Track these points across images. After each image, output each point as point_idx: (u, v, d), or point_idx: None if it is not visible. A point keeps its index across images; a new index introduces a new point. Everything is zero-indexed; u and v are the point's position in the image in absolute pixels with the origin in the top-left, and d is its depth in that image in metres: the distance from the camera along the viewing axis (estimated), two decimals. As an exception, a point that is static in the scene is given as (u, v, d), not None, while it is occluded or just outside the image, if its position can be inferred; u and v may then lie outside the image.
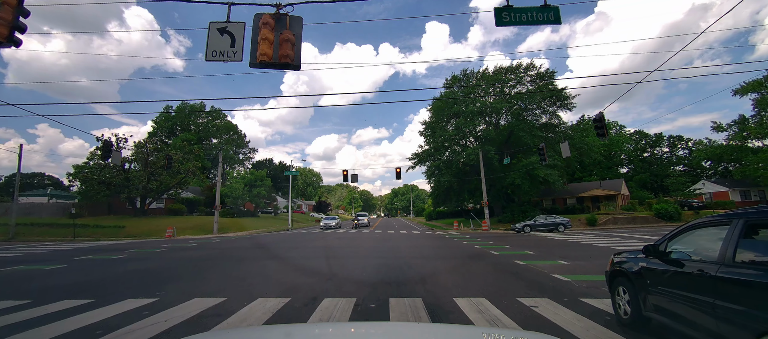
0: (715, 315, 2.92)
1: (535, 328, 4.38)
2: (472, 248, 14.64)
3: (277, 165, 74.94)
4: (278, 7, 5.38)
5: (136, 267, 10.22)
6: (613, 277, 4.71)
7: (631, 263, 4.34)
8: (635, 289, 4.16)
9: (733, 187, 43.77)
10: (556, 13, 6.07)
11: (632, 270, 4.25)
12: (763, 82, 36.53)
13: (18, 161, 26.29)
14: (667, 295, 3.61)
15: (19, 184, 27.62)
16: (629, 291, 4.30)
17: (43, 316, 5.10)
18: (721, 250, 3.10)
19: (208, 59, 5.37)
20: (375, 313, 5.15)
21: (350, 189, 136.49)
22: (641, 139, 61.74)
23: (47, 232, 26.54)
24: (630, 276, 4.28)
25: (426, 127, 40.74)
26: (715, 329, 2.94)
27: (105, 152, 17.73)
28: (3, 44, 4.85)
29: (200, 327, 4.55)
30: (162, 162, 34.52)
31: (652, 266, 3.93)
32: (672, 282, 3.59)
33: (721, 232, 3.28)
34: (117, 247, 17.56)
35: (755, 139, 39.97)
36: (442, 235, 24.79)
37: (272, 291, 6.67)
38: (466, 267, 9.72)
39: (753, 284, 2.67)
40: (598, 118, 14.39)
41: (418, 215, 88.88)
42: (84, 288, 7.23)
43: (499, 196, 36.65)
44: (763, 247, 2.91)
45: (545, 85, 35.02)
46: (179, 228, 28.18)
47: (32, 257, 13.27)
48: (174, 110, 58.35)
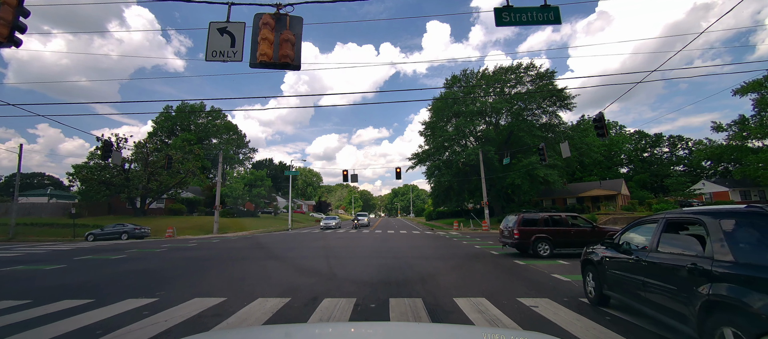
0: (645, 289, 3.93)
1: (535, 328, 4.38)
2: (472, 248, 14.63)
3: (277, 165, 74.96)
4: (278, 7, 5.38)
5: (136, 267, 10.22)
6: (584, 265, 5.79)
7: (595, 254, 5.37)
8: (598, 273, 5.22)
9: (733, 187, 43.78)
10: (556, 13, 6.07)
11: (596, 259, 5.31)
12: (763, 82, 36.52)
13: (18, 161, 26.30)
14: (619, 276, 4.60)
15: (19, 184, 27.63)
16: (593, 275, 5.38)
17: (43, 316, 5.10)
18: (650, 241, 4.10)
19: (208, 59, 5.37)
20: (375, 313, 5.15)
21: (350, 189, 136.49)
22: (641, 139, 61.77)
23: (47, 232, 26.55)
24: (594, 263, 5.33)
25: (426, 127, 40.76)
26: (649, 302, 3.88)
27: (105, 152, 17.73)
28: (3, 44, 4.85)
29: (200, 327, 4.55)
30: (162, 162, 34.54)
31: (609, 254, 4.95)
32: (621, 266, 4.58)
33: (653, 227, 4.20)
34: (117, 247, 17.56)
35: (755, 139, 39.94)
36: (442, 235, 24.79)
37: (272, 291, 6.67)
38: (466, 267, 9.72)
39: (669, 266, 3.59)
40: (598, 118, 14.39)
41: (418, 215, 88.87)
42: (84, 288, 7.23)
43: (499, 196, 36.66)
44: (677, 239, 3.80)
45: (545, 85, 35.03)
46: (179, 228, 28.19)
47: (32, 257, 13.27)
48: (174, 110, 58.39)
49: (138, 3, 9.75)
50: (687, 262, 3.35)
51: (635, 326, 4.40)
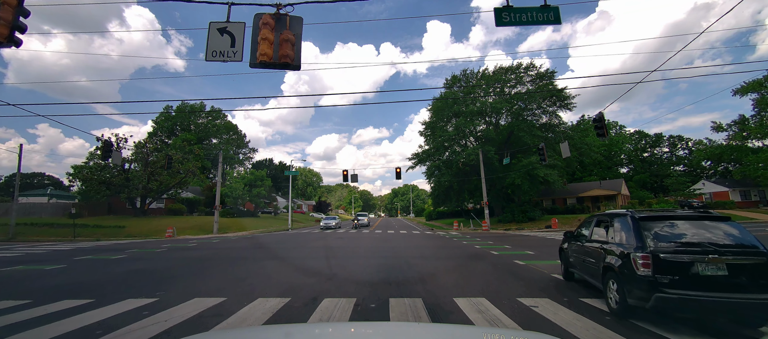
0: (586, 263, 6.08)
1: (535, 328, 4.38)
2: (472, 248, 14.63)
3: (277, 165, 74.95)
4: (278, 7, 5.38)
5: (136, 267, 10.22)
6: (559, 251, 7.82)
7: (564, 243, 7.47)
8: (564, 257, 7.35)
9: (733, 187, 43.77)
10: (556, 13, 6.07)
11: (564, 246, 7.43)
12: (763, 82, 36.53)
13: (18, 161, 26.30)
14: (574, 257, 6.74)
15: (19, 184, 27.62)
16: (562, 258, 7.54)
17: (43, 316, 5.10)
18: (587, 233, 6.34)
19: (208, 59, 5.38)
20: (375, 313, 5.15)
21: (350, 189, 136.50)
22: (641, 139, 61.76)
23: (47, 232, 26.53)
24: (563, 250, 7.46)
25: (426, 127, 40.73)
26: (587, 271, 6.03)
27: (105, 152, 17.74)
28: (3, 44, 4.84)
29: (200, 327, 4.55)
30: (162, 162, 34.51)
31: (570, 242, 7.09)
32: (575, 250, 6.74)
33: (591, 223, 6.43)
34: (117, 247, 17.56)
35: (755, 139, 39.97)
36: (442, 235, 24.79)
37: (272, 291, 6.67)
38: (466, 267, 9.72)
39: (595, 247, 5.72)
40: (598, 118, 14.39)
41: (418, 215, 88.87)
42: (84, 288, 7.23)
43: (499, 196, 36.64)
44: (598, 231, 5.90)
45: (545, 85, 35.00)
46: (179, 228, 28.19)
47: (32, 257, 13.27)
48: (174, 110, 58.41)
49: (138, 3, 9.75)
50: (600, 244, 5.57)
51: (635, 326, 4.40)
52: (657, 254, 4.26)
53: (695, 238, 4.46)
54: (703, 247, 4.27)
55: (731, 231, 4.49)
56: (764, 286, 3.97)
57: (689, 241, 4.41)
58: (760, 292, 3.92)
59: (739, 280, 4.05)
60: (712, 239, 4.35)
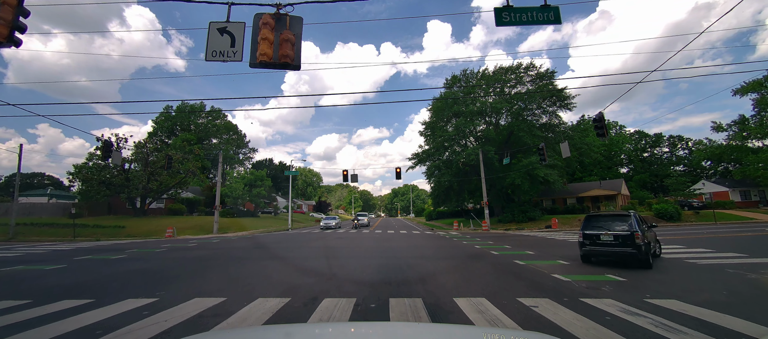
0: (594, 248, 9.70)
1: (535, 328, 4.38)
2: (472, 248, 14.63)
3: (277, 165, 74.92)
4: (278, 7, 5.37)
5: (136, 267, 10.22)
6: (579, 243, 10.19)
7: (579, 236, 10.15)
8: (581, 245, 10.00)
9: (733, 187, 43.75)
10: (556, 13, 6.07)
11: (579, 239, 10.11)
12: (763, 82, 36.53)
13: (18, 161, 26.29)
14: (585, 245, 9.86)
15: (19, 184, 27.61)
16: (579, 246, 10.06)
17: (43, 316, 5.10)
18: (582, 226, 10.16)
19: (208, 59, 5.37)
20: (375, 313, 5.15)
21: (350, 189, 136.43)
22: (641, 139, 61.73)
23: (47, 232, 26.52)
24: (579, 242, 10.08)
25: (426, 127, 40.71)
26: (593, 253, 9.79)
27: (105, 152, 17.72)
28: (3, 44, 4.84)
29: (200, 327, 4.55)
30: (162, 162, 34.50)
31: (582, 234, 9.95)
32: (585, 238, 9.86)
33: (585, 219, 10.37)
34: (117, 247, 17.55)
35: (755, 139, 39.96)
36: (442, 235, 24.78)
37: (272, 291, 6.67)
38: (466, 267, 9.72)
39: (590, 234, 9.80)
40: (598, 118, 14.38)
41: (418, 215, 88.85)
42: (84, 288, 7.23)
43: (499, 196, 36.62)
44: (590, 226, 9.97)
45: (545, 85, 34.97)
46: (179, 228, 28.18)
47: (32, 257, 13.27)
48: (174, 110, 58.37)
49: (138, 3, 9.74)
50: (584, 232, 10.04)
51: (635, 326, 4.40)
52: (585, 232, 9.90)
53: (604, 223, 9.77)
54: (605, 228, 9.57)
55: (625, 219, 9.47)
56: (628, 244, 8.90)
57: (600, 225, 9.75)
58: (625, 247, 8.96)
59: (617, 241, 9.15)
60: (611, 224, 9.59)
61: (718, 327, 4.35)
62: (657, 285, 6.89)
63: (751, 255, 10.46)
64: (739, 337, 4.04)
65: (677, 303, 5.45)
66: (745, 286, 6.71)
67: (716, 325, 4.40)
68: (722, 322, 4.51)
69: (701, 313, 4.90)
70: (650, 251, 9.22)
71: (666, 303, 5.48)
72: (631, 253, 8.81)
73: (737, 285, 6.76)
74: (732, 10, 8.36)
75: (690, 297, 5.82)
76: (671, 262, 9.82)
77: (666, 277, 7.73)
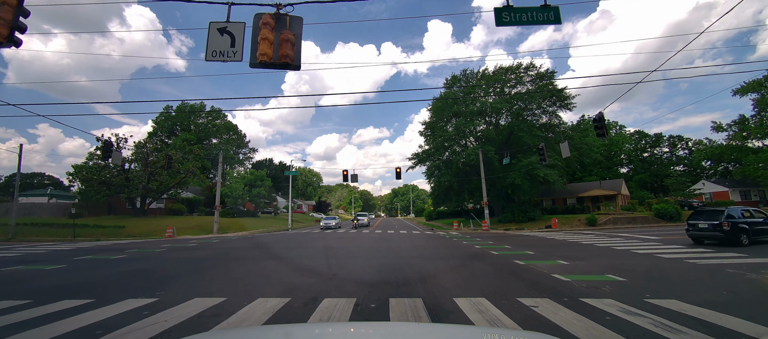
0: (696, 232, 13.92)
1: (535, 328, 4.38)
2: (472, 248, 14.63)
3: (277, 165, 74.93)
4: (278, 7, 5.38)
5: (136, 267, 10.21)
6: (686, 228, 14.42)
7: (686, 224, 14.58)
8: (687, 229, 14.28)
9: (733, 187, 43.76)
10: (556, 13, 6.07)
11: (685, 227, 14.64)
12: (763, 82, 36.53)
13: (18, 161, 26.29)
14: (690, 230, 14.21)
15: (19, 184, 27.61)
16: (687, 230, 14.37)
17: (43, 316, 5.10)
18: (688, 220, 14.55)
19: (208, 59, 5.37)
20: (375, 313, 5.15)
21: (350, 189, 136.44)
22: (641, 139, 61.73)
23: (47, 232, 26.51)
24: (686, 229, 14.38)
25: (426, 127, 40.71)
26: (696, 237, 13.99)
27: (105, 152, 17.73)
28: (3, 44, 4.84)
29: (200, 327, 4.55)
30: (162, 162, 34.51)
31: (687, 224, 14.44)
32: (688, 226, 14.34)
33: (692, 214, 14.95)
34: (117, 247, 17.55)
35: (755, 139, 39.97)
36: (442, 235, 24.78)
37: (272, 291, 6.67)
38: (466, 267, 9.72)
39: (695, 224, 13.98)
40: (598, 118, 14.38)
41: (418, 215, 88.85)
42: (84, 288, 7.23)
43: (499, 196, 36.61)
44: (694, 218, 14.26)
45: (545, 85, 34.97)
46: (179, 228, 28.18)
47: (32, 257, 13.26)
48: (174, 110, 58.39)
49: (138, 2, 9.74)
50: None
51: (635, 326, 4.40)
52: (689, 222, 14.28)
53: (706, 216, 13.59)
54: (708, 219, 13.43)
55: (718, 214, 13.24)
56: (717, 230, 13.05)
57: (702, 215, 13.91)
58: (715, 231, 13.15)
59: (714, 232, 12.99)
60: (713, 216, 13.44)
61: (718, 327, 4.35)
62: (657, 285, 6.89)
63: (750, 255, 10.46)
64: (739, 337, 4.04)
65: (677, 303, 5.46)
66: (744, 286, 6.71)
67: (716, 325, 4.40)
68: (722, 322, 4.51)
69: (701, 313, 4.91)
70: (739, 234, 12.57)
71: (666, 303, 5.48)
72: (719, 235, 12.85)
73: (737, 285, 6.76)
74: (732, 10, 8.37)
75: (690, 297, 5.83)
76: (671, 262, 9.82)
77: (666, 276, 7.74)
